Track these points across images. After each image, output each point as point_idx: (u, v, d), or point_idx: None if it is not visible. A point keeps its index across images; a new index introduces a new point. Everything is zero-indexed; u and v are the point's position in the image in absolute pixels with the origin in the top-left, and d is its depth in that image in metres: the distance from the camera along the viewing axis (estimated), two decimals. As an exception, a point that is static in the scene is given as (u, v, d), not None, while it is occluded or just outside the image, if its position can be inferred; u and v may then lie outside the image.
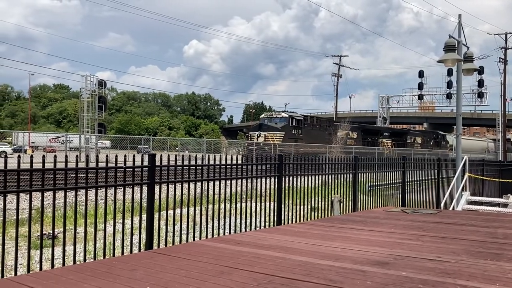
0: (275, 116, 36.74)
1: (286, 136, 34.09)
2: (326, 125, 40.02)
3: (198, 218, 6.36)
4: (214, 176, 6.60)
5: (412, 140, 52.84)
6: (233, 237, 5.76)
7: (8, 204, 7.12)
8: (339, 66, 59.42)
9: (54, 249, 4.67)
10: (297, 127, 35.79)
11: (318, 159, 9.11)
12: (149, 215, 5.50)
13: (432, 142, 55.92)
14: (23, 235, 7.36)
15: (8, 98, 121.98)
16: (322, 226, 6.52)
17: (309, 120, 38.73)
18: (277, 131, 34.27)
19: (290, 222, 7.72)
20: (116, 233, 5.19)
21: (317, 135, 37.29)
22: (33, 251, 5.73)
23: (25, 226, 7.56)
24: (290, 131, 34.96)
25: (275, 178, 7.63)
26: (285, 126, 34.86)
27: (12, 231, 8.09)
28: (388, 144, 46.92)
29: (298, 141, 34.63)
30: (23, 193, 4.49)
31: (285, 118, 35.69)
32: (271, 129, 34.86)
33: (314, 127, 38.37)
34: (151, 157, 5.66)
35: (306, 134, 36.26)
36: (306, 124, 37.40)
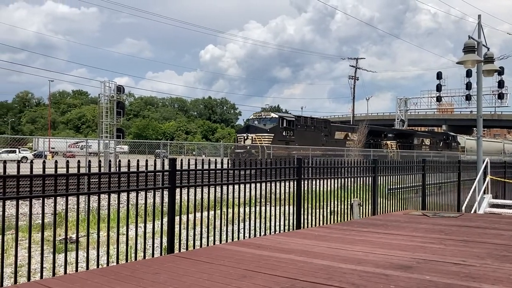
0: (264, 116, 34.47)
1: (276, 138, 31.80)
2: (321, 126, 37.42)
3: (218, 222, 6.39)
4: (234, 180, 6.63)
5: (420, 141, 50.41)
6: (254, 241, 5.77)
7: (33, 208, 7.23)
8: (356, 69, 59.13)
9: (78, 252, 4.75)
10: (288, 129, 33.45)
11: (336, 163, 9.07)
12: (170, 219, 5.55)
13: (442, 144, 53.39)
14: (47, 239, 7.48)
15: (28, 105, 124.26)
16: (342, 230, 6.49)
17: (302, 120, 36.08)
18: (266, 132, 31.91)
19: (309, 226, 7.70)
20: (138, 237, 5.24)
21: (312, 137, 34.88)
22: (57, 255, 5.82)
23: (49, 230, 7.69)
24: (280, 133, 32.73)
25: (294, 181, 7.63)
26: (274, 128, 32.51)
27: (36, 235, 8.23)
28: (392, 146, 44.49)
29: (290, 143, 32.31)
30: (47, 198, 4.57)
31: (275, 119, 33.41)
32: (259, 131, 32.49)
33: (308, 128, 35.81)
34: (171, 162, 5.71)
35: (299, 136, 33.83)
36: (299, 125, 34.93)
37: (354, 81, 59.04)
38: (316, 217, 8.10)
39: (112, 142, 32.74)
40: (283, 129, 32.95)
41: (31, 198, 4.36)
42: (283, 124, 33.14)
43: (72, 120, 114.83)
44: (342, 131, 39.47)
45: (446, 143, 53.99)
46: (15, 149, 40.02)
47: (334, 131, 38.03)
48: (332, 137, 37.48)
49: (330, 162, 8.73)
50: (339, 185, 8.93)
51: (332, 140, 36.71)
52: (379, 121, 69.71)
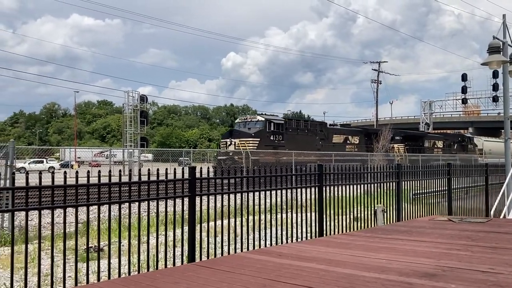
0: (250, 120, 31.66)
1: (262, 143, 29.04)
2: (317, 129, 34.61)
3: (239, 230, 6.36)
4: (254, 188, 6.59)
5: (431, 144, 47.02)
6: (275, 249, 5.72)
7: (55, 218, 7.34)
8: (378, 72, 58.57)
9: (100, 262, 4.78)
10: (276, 132, 30.59)
11: (359, 168, 8.94)
12: (190, 227, 5.54)
13: (456, 146, 49.89)
14: (70, 248, 7.58)
15: (55, 116, 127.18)
16: (366, 237, 6.37)
17: (294, 123, 33.30)
18: (250, 137, 29.18)
19: (332, 233, 7.60)
20: (159, 246, 5.26)
21: (305, 141, 31.90)
22: (80, 263, 5.88)
23: (72, 239, 7.78)
24: (267, 137, 29.90)
25: (315, 188, 7.54)
26: (260, 132, 29.76)
27: (59, 245, 8.35)
28: (400, 149, 41.35)
29: (279, 148, 29.26)
30: (69, 207, 4.62)
31: (261, 122, 30.57)
32: (242, 135, 29.74)
33: (301, 131, 33.00)
34: (191, 170, 5.72)
35: (290, 140, 30.95)
36: (290, 128, 32.15)
37: (377, 85, 58.46)
38: (339, 224, 7.98)
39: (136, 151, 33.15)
40: (270, 133, 30.23)
41: (53, 208, 4.41)
42: (270, 127, 30.48)
43: (97, 129, 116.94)
44: (340, 134, 36.84)
45: (461, 145, 50.91)
46: (42, 159, 40.91)
47: (331, 134, 35.51)
48: (330, 141, 34.91)
49: (352, 168, 8.61)
50: (362, 191, 8.79)
51: (329, 144, 34.20)
52: (403, 125, 68.72)
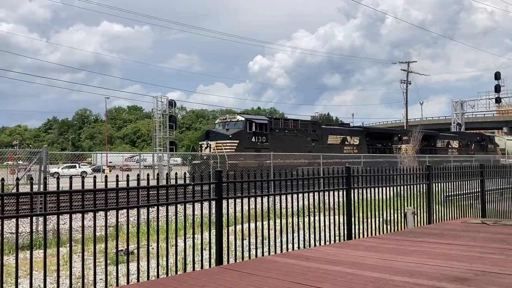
0: (229, 120, 28.81)
1: (242, 145, 26.22)
2: (308, 129, 31.27)
3: (266, 233, 6.35)
4: (280, 191, 6.57)
5: (445, 144, 43.52)
6: (302, 253, 5.68)
7: (86, 221, 7.48)
8: (408, 73, 57.57)
9: (129, 265, 4.85)
10: (259, 133, 27.60)
11: (388, 170, 8.79)
12: (218, 231, 5.57)
13: (474, 146, 46.30)
14: (100, 251, 7.73)
15: (87, 121, 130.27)
16: (395, 240, 6.27)
17: (281, 123, 30.09)
18: (227, 139, 26.55)
19: (360, 236, 7.50)
20: (187, 249, 5.30)
21: (293, 143, 28.99)
22: (110, 266, 5.98)
23: (102, 243, 7.94)
24: (248, 139, 26.98)
25: (343, 191, 7.46)
26: (239, 133, 27.00)
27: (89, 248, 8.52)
28: (408, 150, 38.16)
29: (262, 150, 26.38)
30: (99, 211, 4.72)
31: (241, 122, 27.69)
32: (220, 137, 27.08)
33: (290, 132, 29.87)
34: (217, 174, 5.75)
35: (275, 142, 28.06)
36: (276, 128, 29.14)
37: (406, 85, 57.47)
38: (367, 227, 7.87)
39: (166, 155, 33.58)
40: (252, 134, 27.26)
41: (83, 212, 4.51)
42: (252, 128, 27.42)
43: (128, 134, 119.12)
44: (337, 134, 33.56)
45: (480, 145, 47.23)
46: (75, 164, 41.95)
47: (326, 135, 32.30)
48: (324, 142, 31.70)
49: (381, 170, 8.48)
50: (392, 193, 8.65)
51: (323, 146, 30.99)
52: (434, 126, 67.33)
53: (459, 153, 42.61)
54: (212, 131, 28.67)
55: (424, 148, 38.84)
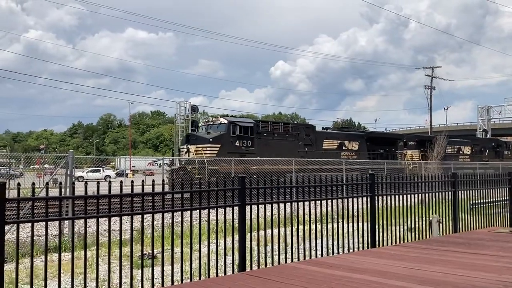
0: (212, 122, 26.90)
1: (224, 150, 24.27)
2: (300, 133, 28.94)
3: (289, 239, 6.34)
4: (304, 197, 6.56)
5: (455, 150, 40.69)
6: (326, 260, 5.65)
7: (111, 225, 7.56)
8: (432, 78, 56.80)
9: (154, 269, 4.91)
10: (243, 137, 25.69)
11: (412, 177, 8.68)
12: (241, 236, 5.58)
13: (488, 152, 43.39)
14: (125, 255, 7.83)
15: (111, 126, 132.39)
16: (420, 249, 6.18)
17: (270, 127, 27.82)
18: (207, 143, 24.70)
19: (384, 244, 7.41)
20: (211, 254, 5.33)
21: (283, 147, 26.97)
22: (135, 270, 6.05)
23: (126, 246, 8.05)
24: (231, 143, 25.12)
25: (367, 198, 7.40)
26: (221, 136, 25.09)
27: (115, 251, 8.64)
28: (414, 156, 35.96)
29: (247, 156, 24.51)
30: (125, 216, 4.79)
31: (223, 125, 25.70)
32: (200, 141, 25.20)
33: (280, 136, 27.76)
34: (241, 179, 5.76)
35: (262, 146, 26.13)
36: (264, 132, 27.07)
37: (430, 91, 56.69)
38: (391, 235, 7.77)
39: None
40: (235, 137, 25.36)
41: (109, 217, 4.59)
42: (235, 131, 25.49)
43: (151, 139, 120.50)
44: (333, 139, 31.33)
45: (495, 152, 44.28)
46: (99, 168, 42.65)
47: (321, 139, 30.22)
48: (319, 147, 29.68)
49: (405, 177, 8.37)
50: (417, 200, 8.52)
51: (317, 151, 29.11)
52: (459, 132, 66.08)
53: (471, 160, 39.92)
54: (192, 135, 27.02)
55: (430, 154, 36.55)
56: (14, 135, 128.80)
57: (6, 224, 3.94)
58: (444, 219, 8.89)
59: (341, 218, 7.21)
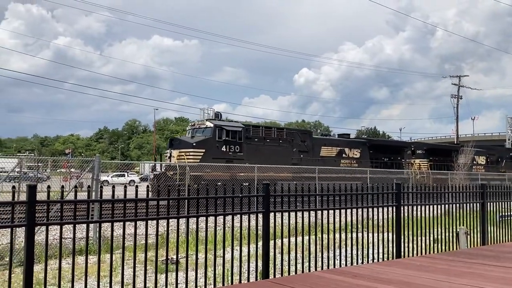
0: (198, 126, 25.40)
1: (209, 155, 22.78)
2: (295, 139, 27.35)
3: (313, 248, 6.29)
4: (328, 206, 6.50)
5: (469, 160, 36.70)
6: (350, 269, 5.58)
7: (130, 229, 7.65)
8: (459, 87, 55.80)
9: (178, 274, 4.93)
10: (231, 142, 24.29)
11: (439, 188, 8.51)
12: (265, 243, 5.57)
13: (505, 163, 40.90)
14: (148, 260, 7.90)
15: (136, 132, 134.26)
16: (448, 261, 6.04)
17: (262, 132, 26.14)
18: (190, 147, 23.27)
19: (410, 255, 7.28)
20: (233, 260, 5.32)
21: (275, 154, 25.36)
22: (160, 275, 6.09)
23: (153, 251, 8.12)
24: (217, 148, 23.74)
25: (393, 207, 7.29)
26: (205, 141, 23.66)
27: (141, 255, 8.72)
28: (422, 166, 33.73)
29: (235, 162, 22.94)
30: (150, 220, 4.83)
31: (209, 129, 24.25)
32: (184, 146, 23.79)
33: (272, 141, 26.17)
34: (265, 187, 5.76)
35: (251, 152, 24.54)
36: (256, 137, 25.52)
37: (457, 100, 55.68)
38: (417, 246, 7.63)
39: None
40: (222, 142, 23.99)
41: (135, 220, 4.64)
42: (222, 135, 24.08)
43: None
44: (332, 146, 29.50)
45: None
46: (124, 173, 43.22)
47: (318, 146, 28.54)
48: (316, 154, 28.10)
49: (433, 187, 8.22)
50: (443, 211, 8.36)
51: (314, 159, 27.41)
52: (487, 142, 64.63)
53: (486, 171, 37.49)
54: (176, 139, 25.77)
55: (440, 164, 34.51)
56: (42, 139, 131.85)
57: (36, 225, 4.02)
58: (472, 231, 8.68)
59: (365, 228, 7.11)
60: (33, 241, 3.99)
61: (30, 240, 3.98)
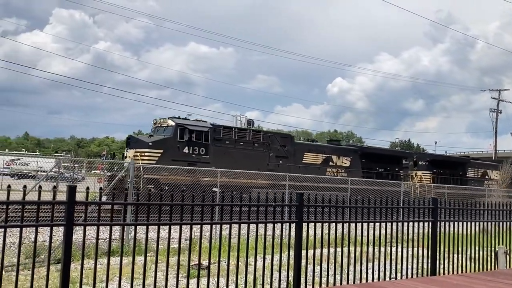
0: (159, 125, 23.10)
1: (167, 157, 20.42)
2: (274, 143, 25.07)
3: (345, 260, 6.18)
4: (362, 218, 6.39)
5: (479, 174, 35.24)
6: (384, 285, 5.46)
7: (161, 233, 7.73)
8: (498, 101, 54.20)
9: (209, 279, 4.94)
10: (195, 143, 22.01)
11: (477, 204, 8.24)
12: (297, 254, 5.51)
13: None
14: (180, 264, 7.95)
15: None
16: (486, 281, 5.83)
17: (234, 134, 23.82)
18: (146, 147, 21.13)
19: (445, 273, 7.06)
20: (264, 269, 5.29)
21: (247, 158, 22.95)
22: (190, 279, 6.12)
23: (183, 255, 8.17)
24: (178, 149, 21.51)
25: (428, 223, 7.10)
26: (164, 141, 21.49)
27: (171, 260, 8.79)
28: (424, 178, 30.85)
29: (199, 165, 20.74)
30: (184, 225, 4.86)
31: (170, 128, 22.04)
32: (139, 145, 21.58)
33: (246, 144, 23.89)
34: (299, 196, 5.71)
35: (219, 155, 22.34)
36: (226, 139, 23.37)
37: (496, 114, 54.07)
38: (453, 264, 7.39)
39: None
40: (184, 143, 21.72)
41: (170, 225, 4.68)
42: (184, 135, 21.82)
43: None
44: (317, 153, 26.89)
45: None
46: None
47: (301, 152, 26.01)
48: (298, 160, 25.59)
49: (469, 203, 7.98)
50: (480, 228, 8.08)
51: (295, 165, 24.92)
52: (526, 159, 62.26)
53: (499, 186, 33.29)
54: (133, 138, 23.41)
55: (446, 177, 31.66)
56: (78, 140, 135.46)
57: (74, 225, 4.11)
58: (511, 251, 8.36)
59: (397, 242, 6.95)
60: (71, 241, 4.08)
61: (68, 240, 4.07)
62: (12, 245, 10.31)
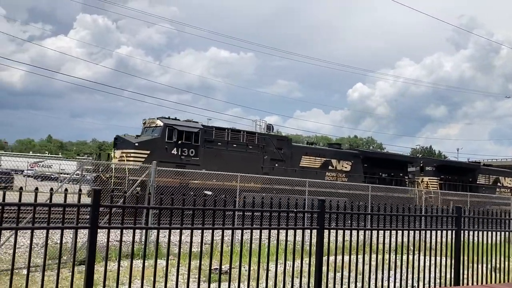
0: (148, 125, 22.37)
1: (154, 158, 17.53)
2: (269, 146, 24.19)
3: (366, 267, 6.13)
4: (384, 226, 6.32)
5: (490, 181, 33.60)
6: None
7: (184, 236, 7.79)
8: (523, 108, 53.00)
9: (230, 284, 4.95)
10: (185, 145, 21.28)
11: (502, 214, 8.08)
12: (318, 261, 5.48)
13: None
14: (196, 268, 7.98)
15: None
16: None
17: (227, 135, 23.01)
18: (133, 148, 20.43)
19: (469, 283, 6.92)
20: (281, 275, 5.27)
21: (240, 161, 22.16)
22: (206, 284, 6.14)
23: (203, 259, 8.21)
24: (166, 150, 20.77)
25: (452, 232, 6.98)
26: (151, 141, 20.87)
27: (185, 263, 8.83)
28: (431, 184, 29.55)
29: (188, 167, 19.98)
30: (206, 230, 4.89)
31: (159, 129, 21.34)
32: (126, 146, 20.94)
33: (239, 146, 23.14)
34: (320, 203, 5.68)
35: (210, 157, 21.59)
36: (218, 141, 22.60)
37: (520, 121, 52.88)
38: (476, 274, 7.25)
39: None
40: (172, 144, 20.99)
41: (192, 229, 4.71)
42: (173, 136, 21.11)
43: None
44: (316, 156, 25.89)
45: None
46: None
47: (298, 155, 25.12)
48: (295, 164, 24.70)
49: (495, 212, 7.82)
50: (503, 238, 7.92)
51: (291, 169, 24.17)
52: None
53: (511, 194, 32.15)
54: (120, 138, 22.23)
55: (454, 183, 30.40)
56: (100, 143, 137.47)
57: (98, 228, 4.17)
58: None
59: (420, 251, 6.85)
60: (95, 243, 4.13)
61: (93, 242, 4.13)
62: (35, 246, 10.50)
